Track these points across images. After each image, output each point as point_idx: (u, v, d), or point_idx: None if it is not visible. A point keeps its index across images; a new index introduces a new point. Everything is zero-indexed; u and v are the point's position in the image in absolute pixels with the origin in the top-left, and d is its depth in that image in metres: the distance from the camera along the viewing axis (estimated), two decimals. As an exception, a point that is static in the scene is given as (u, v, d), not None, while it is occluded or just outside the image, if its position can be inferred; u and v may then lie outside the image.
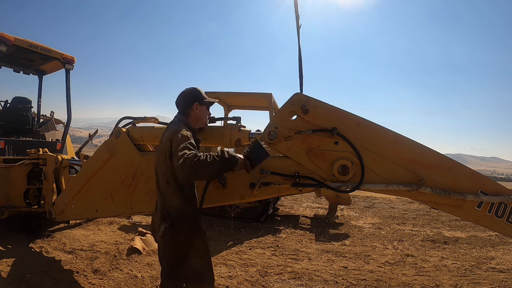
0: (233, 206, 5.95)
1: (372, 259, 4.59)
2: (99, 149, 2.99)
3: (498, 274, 4.14)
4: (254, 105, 7.60)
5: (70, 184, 3.42)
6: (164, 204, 2.01)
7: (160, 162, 2.02)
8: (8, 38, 4.36)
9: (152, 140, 2.81)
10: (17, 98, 5.56)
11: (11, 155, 4.65)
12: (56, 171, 3.97)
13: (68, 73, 5.33)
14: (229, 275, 3.68)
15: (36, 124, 5.74)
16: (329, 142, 2.09)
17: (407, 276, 3.97)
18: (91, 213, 3.19)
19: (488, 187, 1.98)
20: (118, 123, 2.92)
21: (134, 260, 3.90)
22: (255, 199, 2.65)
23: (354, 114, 2.07)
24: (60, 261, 3.70)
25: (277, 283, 3.58)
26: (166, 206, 2.00)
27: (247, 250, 4.71)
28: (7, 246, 4.02)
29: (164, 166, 1.97)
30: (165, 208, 2.00)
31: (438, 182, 1.98)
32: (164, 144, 1.96)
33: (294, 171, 2.16)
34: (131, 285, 3.28)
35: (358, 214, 8.18)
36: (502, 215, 1.97)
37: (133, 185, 2.71)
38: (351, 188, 2.06)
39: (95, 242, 4.36)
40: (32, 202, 4.39)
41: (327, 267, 4.14)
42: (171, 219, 1.96)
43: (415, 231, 6.56)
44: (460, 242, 5.79)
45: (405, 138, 2.05)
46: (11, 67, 5.60)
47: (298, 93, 2.18)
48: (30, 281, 3.17)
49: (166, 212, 1.99)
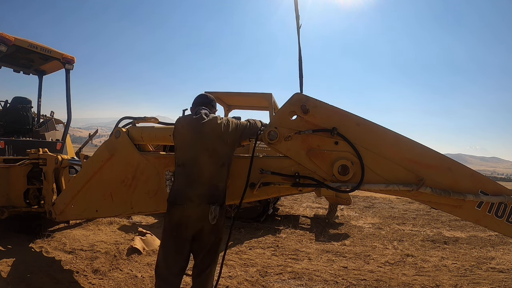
0: (233, 206, 5.94)
1: (372, 259, 4.59)
2: (99, 149, 2.99)
3: (498, 274, 4.14)
4: (254, 105, 7.60)
5: (70, 184, 3.42)
6: (213, 188, 2.14)
7: (214, 149, 2.15)
8: (8, 38, 4.36)
9: (152, 140, 2.81)
10: (17, 98, 5.56)
11: (11, 155, 4.65)
12: (56, 171, 3.97)
13: (68, 73, 5.33)
14: (229, 275, 3.68)
15: (36, 124, 5.73)
16: (329, 142, 2.09)
17: (407, 276, 3.97)
18: (91, 213, 3.19)
19: (488, 187, 1.98)
20: (118, 123, 2.92)
21: (134, 260, 3.90)
22: (255, 199, 2.65)
23: (354, 114, 2.07)
24: (60, 261, 3.70)
25: (277, 283, 3.58)
26: (216, 189, 2.16)
27: (247, 250, 4.71)
28: (7, 246, 4.01)
29: (222, 150, 2.16)
30: (215, 191, 2.15)
31: (438, 182, 1.98)
32: (219, 132, 2.16)
33: (294, 171, 2.16)
34: (131, 285, 3.28)
35: (358, 214, 8.18)
36: (502, 215, 1.97)
37: (133, 185, 2.71)
38: (351, 188, 2.06)
39: (95, 242, 4.36)
40: (32, 202, 4.38)
41: (327, 267, 4.14)
42: (220, 201, 2.15)
43: (415, 231, 6.56)
44: (460, 242, 5.79)
45: (405, 138, 2.05)
46: (11, 67, 5.60)
47: (298, 93, 2.18)
48: (30, 281, 3.16)
49: (216, 195, 2.14)
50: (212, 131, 2.15)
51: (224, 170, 2.18)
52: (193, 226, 2.13)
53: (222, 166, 2.16)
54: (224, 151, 2.17)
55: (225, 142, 2.17)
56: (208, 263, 2.25)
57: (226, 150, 2.19)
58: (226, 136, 2.17)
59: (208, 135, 2.14)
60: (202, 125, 2.15)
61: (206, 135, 2.14)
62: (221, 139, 2.15)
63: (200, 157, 2.14)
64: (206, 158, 2.13)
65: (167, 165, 2.56)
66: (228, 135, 2.18)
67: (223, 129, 2.16)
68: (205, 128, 2.14)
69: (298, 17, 2.31)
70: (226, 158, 2.18)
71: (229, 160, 2.21)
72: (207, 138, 2.14)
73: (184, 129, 2.22)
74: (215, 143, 2.14)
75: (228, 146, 2.19)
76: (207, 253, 2.23)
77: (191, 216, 2.11)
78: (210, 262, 2.26)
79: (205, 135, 2.14)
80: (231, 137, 2.20)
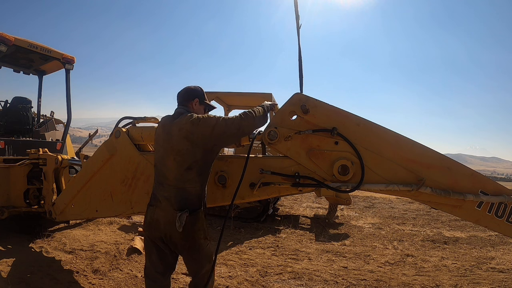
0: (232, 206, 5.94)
1: (372, 259, 4.59)
2: (99, 149, 2.99)
3: (498, 274, 4.14)
4: (254, 105, 7.56)
5: (70, 184, 3.42)
6: (182, 194, 2.02)
7: (179, 151, 2.01)
8: (8, 38, 4.36)
9: (152, 140, 2.80)
10: (17, 98, 5.56)
11: (11, 155, 4.65)
12: (56, 171, 3.97)
13: (68, 73, 5.33)
14: (229, 275, 3.68)
15: (36, 124, 5.74)
16: (329, 142, 2.09)
17: (407, 276, 3.97)
18: (91, 213, 3.19)
19: (488, 187, 1.98)
20: (118, 123, 2.92)
21: (134, 260, 3.90)
22: (255, 199, 2.65)
23: (354, 114, 2.07)
24: (60, 261, 3.70)
25: (277, 283, 3.58)
26: (185, 193, 2.02)
27: (247, 250, 4.71)
28: (7, 246, 4.02)
29: (187, 152, 2.00)
30: (184, 196, 2.02)
31: (438, 182, 1.98)
32: (185, 132, 1.99)
33: (294, 171, 2.16)
34: (131, 285, 3.28)
35: (358, 214, 8.18)
36: (502, 215, 1.97)
37: (133, 185, 2.71)
38: (351, 188, 2.06)
39: (95, 242, 4.36)
40: (32, 202, 4.38)
41: (327, 267, 4.14)
42: (190, 207, 2.00)
43: (415, 231, 6.56)
44: (460, 242, 5.79)
45: (405, 138, 2.05)
46: (11, 67, 5.60)
47: (298, 93, 2.18)
48: (30, 281, 3.17)
49: (185, 201, 2.01)
50: (179, 131, 2.02)
51: (191, 174, 2.01)
52: (161, 229, 2.05)
53: (188, 169, 2.00)
54: (190, 153, 2.00)
55: (194, 143, 1.99)
56: (194, 268, 2.15)
57: (195, 152, 2.00)
58: (195, 136, 1.98)
59: (175, 135, 2.04)
60: (171, 125, 2.09)
61: (173, 135, 2.05)
62: (188, 140, 1.99)
63: (166, 158, 2.08)
64: (171, 160, 2.04)
65: (167, 165, 2.56)
66: (198, 135, 1.98)
67: (191, 129, 1.98)
68: (173, 128, 2.07)
69: (298, 17, 2.31)
70: (193, 160, 2.00)
71: (199, 163, 2.02)
72: (174, 138, 2.04)
73: (159, 129, 2.21)
74: (180, 144, 2.01)
75: (199, 148, 2.00)
76: (189, 258, 2.13)
77: (159, 219, 2.05)
78: (197, 267, 2.13)
79: (172, 135, 2.05)
80: (203, 138, 1.98)
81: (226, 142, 2.23)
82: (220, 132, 1.98)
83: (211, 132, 1.97)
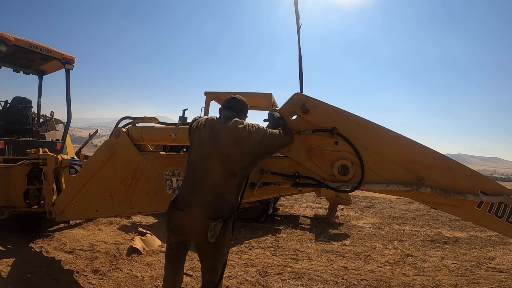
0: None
1: (372, 259, 4.59)
2: (99, 149, 2.99)
3: (498, 274, 4.14)
4: (254, 105, 7.60)
5: (70, 184, 3.42)
6: (219, 201, 1.95)
7: (228, 155, 1.96)
8: (8, 38, 4.35)
9: (152, 140, 2.81)
10: (17, 98, 5.56)
11: (11, 155, 4.65)
12: (56, 171, 3.97)
13: (68, 73, 5.32)
14: (229, 275, 3.68)
15: (36, 124, 5.73)
16: (329, 142, 2.09)
17: (407, 276, 3.97)
18: (91, 213, 3.20)
19: (488, 187, 1.98)
20: (118, 123, 2.92)
21: (134, 260, 3.90)
22: (255, 199, 2.65)
23: (354, 114, 2.07)
24: (60, 261, 3.70)
25: (277, 283, 3.58)
26: (222, 201, 1.96)
27: (247, 250, 4.71)
28: (7, 246, 4.01)
29: (236, 158, 1.95)
30: (221, 203, 1.95)
31: (438, 182, 1.98)
32: (236, 138, 1.96)
33: (294, 171, 2.16)
34: (131, 285, 3.28)
35: (358, 214, 8.18)
36: (502, 215, 1.97)
37: (133, 185, 2.71)
38: (351, 188, 2.07)
39: (95, 242, 4.36)
40: (32, 202, 4.38)
41: (327, 267, 4.14)
42: (224, 216, 1.92)
43: (415, 231, 6.55)
44: (460, 242, 5.79)
45: (405, 138, 2.05)
46: (11, 67, 5.60)
47: (298, 93, 2.18)
48: (30, 281, 3.16)
49: (220, 209, 1.94)
50: (228, 135, 1.97)
51: (234, 181, 1.97)
52: (188, 235, 2.00)
53: (233, 175, 1.96)
54: (239, 159, 1.96)
55: (244, 150, 1.96)
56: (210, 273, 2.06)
57: (243, 159, 1.97)
58: (245, 143, 1.95)
59: (224, 139, 1.98)
60: (221, 127, 2.02)
61: (222, 138, 1.99)
62: (239, 146, 1.95)
63: (210, 159, 1.98)
64: (217, 162, 1.96)
65: (167, 165, 2.56)
66: (250, 143, 1.95)
67: (242, 135, 1.95)
68: (222, 130, 2.01)
69: (298, 17, 2.31)
70: (239, 167, 1.97)
71: (244, 171, 2.01)
72: (223, 142, 1.98)
73: (204, 127, 2.08)
74: (230, 148, 1.96)
75: (247, 156, 1.97)
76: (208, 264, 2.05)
77: (188, 225, 1.95)
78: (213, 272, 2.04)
79: (221, 138, 1.99)
80: (253, 146, 1.96)
81: (268, 154, 2.12)
82: (267, 144, 1.98)
83: (260, 142, 1.96)
